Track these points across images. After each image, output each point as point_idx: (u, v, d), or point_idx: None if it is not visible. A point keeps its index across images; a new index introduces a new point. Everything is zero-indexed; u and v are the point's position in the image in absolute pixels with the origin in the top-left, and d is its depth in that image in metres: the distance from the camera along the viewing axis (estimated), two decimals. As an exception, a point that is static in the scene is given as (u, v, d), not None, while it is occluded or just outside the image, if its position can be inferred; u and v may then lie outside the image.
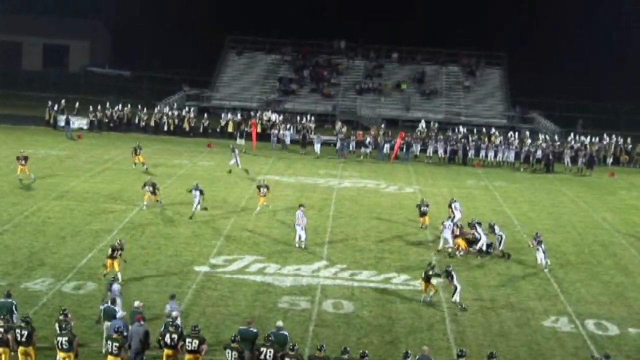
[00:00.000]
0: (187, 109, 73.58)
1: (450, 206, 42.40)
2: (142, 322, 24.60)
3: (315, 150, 64.34)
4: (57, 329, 23.92)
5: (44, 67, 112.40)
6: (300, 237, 38.07)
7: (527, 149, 65.11)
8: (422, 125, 71.96)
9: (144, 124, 70.08)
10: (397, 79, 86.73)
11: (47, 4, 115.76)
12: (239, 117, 71.20)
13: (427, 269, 31.62)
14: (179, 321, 24.82)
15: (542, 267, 36.45)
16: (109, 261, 31.65)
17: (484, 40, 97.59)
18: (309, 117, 72.07)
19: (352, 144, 66.01)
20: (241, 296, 31.39)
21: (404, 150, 64.78)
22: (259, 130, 66.75)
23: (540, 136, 70.08)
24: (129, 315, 25.29)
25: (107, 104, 71.50)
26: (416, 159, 65.00)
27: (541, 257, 36.55)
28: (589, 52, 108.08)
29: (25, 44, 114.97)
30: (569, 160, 64.52)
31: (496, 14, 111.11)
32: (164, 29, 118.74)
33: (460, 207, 42.05)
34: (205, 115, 72.75)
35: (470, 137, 67.90)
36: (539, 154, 64.40)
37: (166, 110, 72.53)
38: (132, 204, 44.26)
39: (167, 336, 23.97)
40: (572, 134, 69.58)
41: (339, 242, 39.49)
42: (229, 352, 23.36)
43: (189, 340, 23.72)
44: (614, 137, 70.07)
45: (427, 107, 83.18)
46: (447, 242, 38.40)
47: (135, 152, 53.76)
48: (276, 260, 36.00)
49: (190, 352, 23.68)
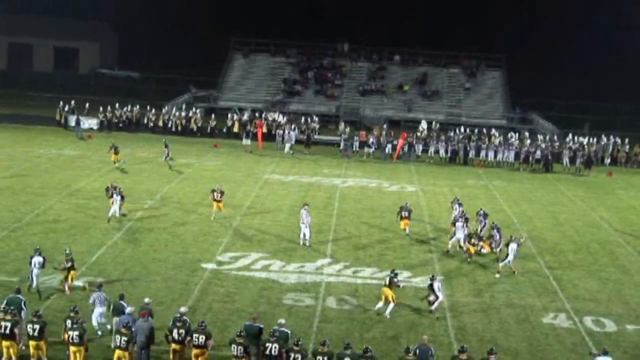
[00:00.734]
0: (194, 109, 73.64)
1: (452, 205, 42.47)
2: (148, 318, 24.66)
3: (287, 148, 64.31)
4: (69, 324, 24.01)
5: (54, 68, 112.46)
6: (304, 235, 38.11)
7: (526, 149, 65.11)
8: (423, 125, 71.97)
9: (152, 125, 70.15)
10: (399, 81, 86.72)
11: (58, 6, 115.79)
12: (246, 117, 71.22)
13: (391, 276, 30.23)
14: (186, 317, 24.89)
15: (499, 268, 35.35)
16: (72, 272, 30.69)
17: (484, 41, 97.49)
18: (313, 117, 72.16)
19: (356, 144, 66.04)
20: (247, 292, 31.44)
21: (406, 150, 64.79)
22: (264, 130, 66.81)
23: (539, 137, 70.08)
24: (139, 311, 25.33)
25: (117, 105, 71.56)
26: (418, 159, 64.99)
27: (508, 259, 35.04)
28: (588, 52, 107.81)
29: (36, 46, 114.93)
30: (568, 160, 64.54)
31: (496, 15, 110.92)
32: (170, 30, 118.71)
33: (460, 207, 42.00)
34: (212, 115, 72.79)
35: (470, 137, 67.90)
36: (538, 154, 64.38)
37: (174, 111, 72.58)
38: (140, 202, 44.32)
39: (175, 331, 24.03)
40: (571, 135, 69.51)
41: (343, 240, 39.53)
42: (234, 347, 23.41)
43: (196, 335, 23.79)
44: (612, 137, 70.02)
45: (429, 108, 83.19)
46: (459, 241, 38.08)
47: (114, 151, 53.57)
48: (281, 257, 36.05)
49: (197, 347, 23.74)
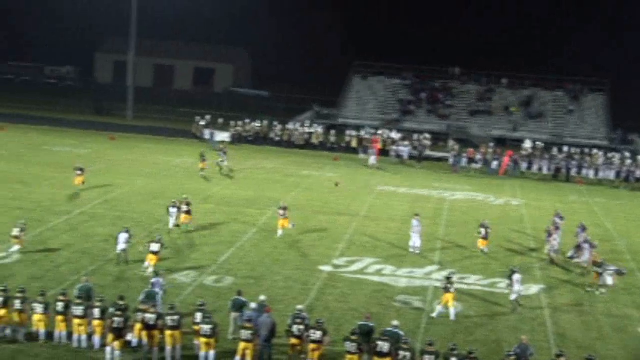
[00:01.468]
0: (316, 126, 74.05)
1: (554, 221, 41.22)
2: (271, 314, 24.81)
3: (371, 161, 63.28)
4: (200, 317, 24.31)
5: (193, 87, 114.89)
6: (415, 244, 37.77)
7: (627, 168, 63.16)
8: (528, 144, 70.58)
9: (278, 139, 70.80)
10: (506, 103, 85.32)
11: (197, 31, 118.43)
12: (363, 134, 71.24)
13: (446, 282, 29.64)
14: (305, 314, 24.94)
15: (593, 283, 33.61)
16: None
17: (588, 65, 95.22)
18: (424, 135, 71.70)
19: (464, 160, 65.24)
20: (360, 294, 31.33)
21: (511, 167, 63.68)
22: (380, 146, 66.73)
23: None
24: (258, 308, 25.48)
25: (247, 120, 72.59)
26: (522, 175, 63.76)
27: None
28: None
29: (177, 67, 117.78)
30: (669, 179, 62.31)
31: (599, 40, 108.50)
32: (298, 55, 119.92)
33: (561, 220, 40.96)
34: (332, 132, 73.06)
35: (573, 156, 66.28)
36: (639, 173, 62.37)
37: (298, 126, 73.14)
38: (265, 208, 44.71)
39: (295, 327, 24.10)
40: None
41: (450, 249, 39.03)
42: (349, 344, 23.32)
43: (313, 331, 23.80)
44: None
45: (533, 128, 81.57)
46: (580, 257, 36.71)
47: (202, 159, 53.84)
48: (392, 263, 35.81)
49: (314, 342, 23.73)
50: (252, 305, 25.62)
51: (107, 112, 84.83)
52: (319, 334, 23.73)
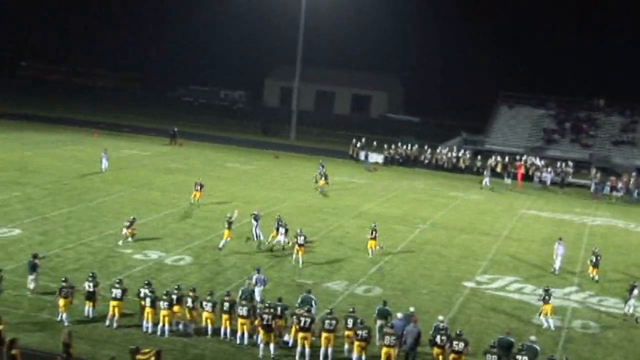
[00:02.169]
0: (463, 150, 73.18)
1: None
2: (417, 324, 24.67)
3: (485, 182, 61.29)
4: (351, 322, 24.42)
5: (351, 112, 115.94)
6: (556, 265, 36.62)
7: None
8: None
9: (427, 162, 70.41)
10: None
11: (356, 61, 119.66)
12: (507, 160, 69.86)
13: (544, 295, 28.89)
14: (445, 324, 24.66)
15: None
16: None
17: None
18: (568, 162, 69.61)
19: (606, 188, 62.81)
20: (501, 310, 30.67)
21: (653, 196, 60.92)
22: (523, 171, 65.26)
23: None
24: (405, 317, 25.37)
25: (399, 144, 72.60)
26: (664, 204, 60.83)
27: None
28: None
29: (337, 93, 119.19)
30: None
31: None
32: (449, 84, 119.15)
33: None
34: (478, 157, 72.02)
35: None
36: None
37: (446, 150, 72.51)
38: (414, 226, 44.53)
39: (438, 337, 23.85)
40: None
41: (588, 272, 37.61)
42: (488, 356, 22.84)
43: (456, 342, 23.47)
44: None
45: (677, 159, 77.66)
46: None
47: (324, 178, 53.07)
48: (533, 282, 34.88)
49: (455, 352, 23.40)
50: (398, 315, 25.56)
51: (272, 133, 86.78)
52: (462, 344, 23.39)
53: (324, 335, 24.23)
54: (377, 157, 70.49)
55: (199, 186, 45.06)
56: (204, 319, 25.42)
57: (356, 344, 23.94)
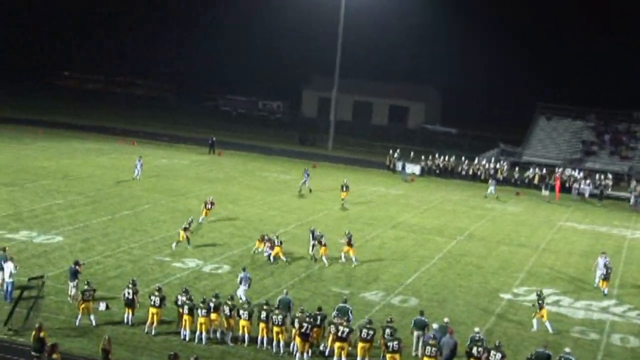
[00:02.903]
0: (501, 162, 72.69)
1: None
2: (453, 335, 24.62)
3: (490, 191, 60.39)
4: (389, 334, 24.41)
5: (388, 122, 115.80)
6: (597, 279, 36.14)
7: None
8: None
9: (464, 173, 70.08)
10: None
11: (393, 72, 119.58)
12: (545, 171, 69.30)
13: (537, 299, 29.50)
14: (482, 335, 24.56)
15: None
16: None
17: None
18: (607, 174, 68.86)
19: (646, 201, 62.05)
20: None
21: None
22: (561, 183, 64.63)
23: None
24: (440, 328, 25.32)
25: (436, 155, 72.37)
26: None
27: None
28: None
29: (374, 104, 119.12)
30: None
31: None
32: (487, 95, 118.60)
33: None
34: (516, 168, 71.46)
35: None
36: None
37: (483, 162, 72.10)
38: (451, 237, 44.39)
39: (474, 349, 23.78)
40: None
41: (629, 285, 37.20)
42: (525, 369, 22.75)
43: (493, 352, 23.38)
44: None
45: None
46: None
47: (345, 189, 51.62)
48: (570, 294, 34.59)
49: (492, 364, 23.32)
50: (434, 325, 25.52)
51: (310, 143, 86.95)
52: (499, 356, 23.30)
53: (360, 344, 24.28)
54: (414, 168, 70.27)
55: (209, 204, 42.77)
56: (241, 327, 25.59)
57: (388, 356, 23.92)
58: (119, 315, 26.74)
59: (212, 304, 25.74)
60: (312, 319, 24.73)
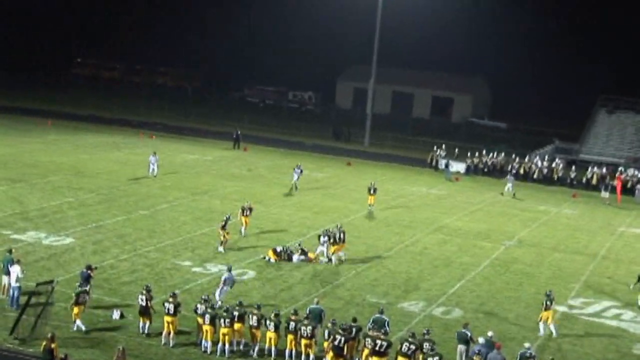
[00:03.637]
0: (556, 160, 72.09)
1: None
2: (501, 351, 24.42)
3: (507, 188, 59.76)
4: (429, 348, 24.26)
5: (430, 115, 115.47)
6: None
7: None
8: None
9: (515, 172, 69.56)
10: None
11: (436, 60, 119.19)
12: (605, 170, 68.61)
13: (545, 299, 29.76)
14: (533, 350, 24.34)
15: None
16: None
17: None
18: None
19: None
20: (596, 338, 30.09)
21: None
22: (623, 184, 63.92)
23: None
24: (486, 343, 25.11)
25: (484, 152, 71.97)
26: None
27: None
28: None
29: (416, 95, 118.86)
30: None
31: None
32: (540, 86, 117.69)
33: None
34: (572, 167, 70.84)
35: None
36: None
37: (536, 160, 71.56)
38: (499, 242, 44.07)
39: (523, 366, 23.60)
40: None
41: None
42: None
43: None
44: None
45: None
46: None
47: (372, 192, 49.86)
48: (633, 308, 34.12)
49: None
50: (480, 339, 25.33)
51: (344, 138, 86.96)
52: (551, 374, 23.08)
53: (399, 359, 24.11)
54: (458, 166, 69.93)
55: (248, 210, 40.94)
56: (267, 339, 25.58)
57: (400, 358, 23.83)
58: (134, 324, 26.86)
59: (235, 313, 25.76)
60: (346, 332, 24.65)
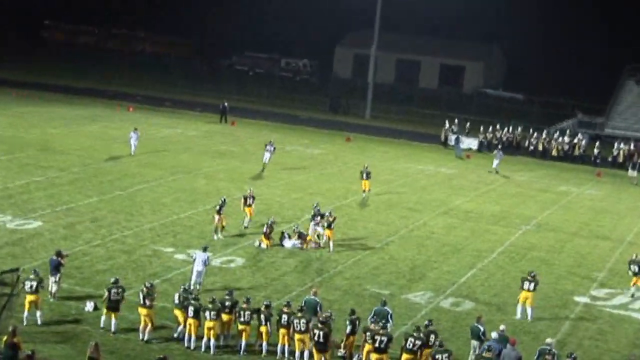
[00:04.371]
0: (578, 135, 71.97)
1: None
2: (515, 347, 24.41)
3: (495, 164, 59.70)
4: (437, 345, 24.23)
5: (439, 86, 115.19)
6: None
7: None
8: None
9: (532, 148, 69.50)
10: None
11: (445, 25, 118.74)
12: (632, 147, 68.51)
13: (530, 279, 30.35)
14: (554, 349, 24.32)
15: None
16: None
17: None
18: None
19: None
20: (622, 333, 30.11)
21: None
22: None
23: None
24: (499, 338, 25.07)
25: (498, 126, 71.83)
26: None
27: None
28: None
29: (422, 63, 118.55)
30: None
31: None
32: (560, 53, 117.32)
33: None
34: (597, 143, 70.72)
35: None
36: None
37: (556, 135, 71.43)
38: (515, 227, 44.02)
39: (542, 364, 23.59)
40: None
41: None
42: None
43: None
44: None
45: None
46: None
47: (365, 177, 47.90)
48: (663, 299, 34.16)
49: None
50: (493, 334, 25.31)
51: (343, 110, 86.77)
52: (572, 373, 23.06)
53: (405, 356, 24.07)
54: (470, 142, 69.82)
55: (251, 198, 39.26)
56: (257, 334, 25.48)
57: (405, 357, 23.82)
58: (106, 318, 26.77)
59: (227, 304, 25.64)
60: (325, 326, 24.49)
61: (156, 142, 58.48)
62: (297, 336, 25.03)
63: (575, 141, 70.00)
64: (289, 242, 36.31)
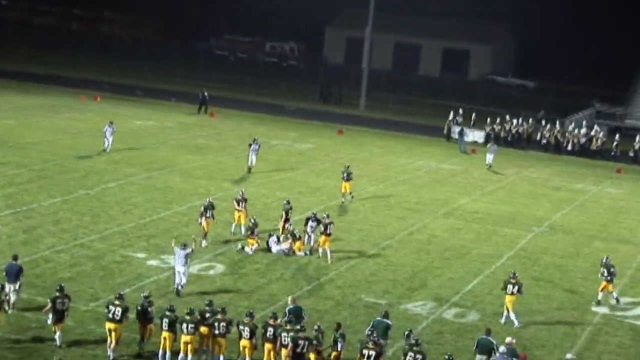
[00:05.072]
0: (596, 127, 72.13)
1: None
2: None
3: (488, 159, 59.77)
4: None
5: (441, 72, 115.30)
6: None
7: None
8: None
9: (545, 142, 69.59)
10: None
11: (448, 5, 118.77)
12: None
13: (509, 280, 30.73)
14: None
15: None
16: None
17: None
18: None
19: None
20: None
21: None
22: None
23: None
24: (508, 352, 25.12)
25: (507, 117, 71.92)
26: None
27: None
28: None
29: (423, 47, 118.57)
30: None
31: None
32: (577, 36, 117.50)
33: None
34: (616, 136, 70.94)
35: None
36: None
37: (571, 127, 71.58)
38: (526, 229, 44.11)
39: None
40: None
41: None
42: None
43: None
44: None
45: None
46: None
47: (344, 178, 46.47)
48: (691, 309, 34.33)
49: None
50: (500, 348, 25.35)
51: (335, 100, 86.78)
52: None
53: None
54: (476, 135, 69.92)
55: (243, 202, 39.06)
56: (241, 348, 25.48)
57: None
58: (76, 330, 26.73)
59: (203, 316, 25.61)
60: (302, 335, 24.56)
61: (127, 135, 58.31)
62: (283, 351, 25.01)
63: (592, 134, 70.12)
64: (276, 247, 36.28)
